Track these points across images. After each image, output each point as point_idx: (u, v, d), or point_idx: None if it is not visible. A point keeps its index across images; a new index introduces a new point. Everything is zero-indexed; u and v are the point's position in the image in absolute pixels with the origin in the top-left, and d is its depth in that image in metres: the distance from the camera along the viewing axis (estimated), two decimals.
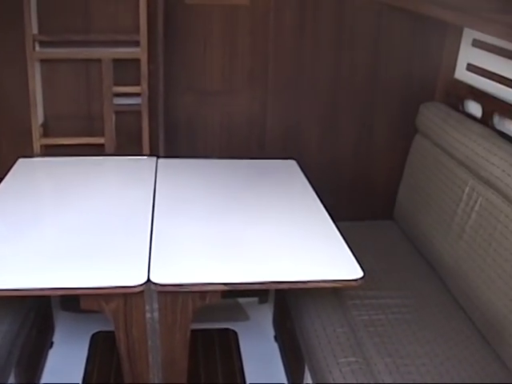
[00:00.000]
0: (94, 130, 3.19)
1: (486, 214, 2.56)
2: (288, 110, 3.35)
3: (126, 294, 2.05)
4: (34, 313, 2.73)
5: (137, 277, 2.02)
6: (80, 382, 2.92)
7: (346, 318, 2.57)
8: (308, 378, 2.57)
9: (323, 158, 3.46)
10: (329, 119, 3.41)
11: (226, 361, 3.13)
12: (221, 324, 3.38)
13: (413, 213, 3.17)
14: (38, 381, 2.91)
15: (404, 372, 2.27)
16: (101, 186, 2.74)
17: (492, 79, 2.90)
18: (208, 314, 2.99)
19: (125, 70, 3.06)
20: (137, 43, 3.00)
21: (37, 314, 2.80)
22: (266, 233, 2.38)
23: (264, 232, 2.39)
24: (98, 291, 2.02)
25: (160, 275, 2.04)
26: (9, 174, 2.79)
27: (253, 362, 3.12)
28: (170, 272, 2.07)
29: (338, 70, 3.31)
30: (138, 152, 3.13)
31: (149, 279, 2.01)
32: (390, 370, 2.28)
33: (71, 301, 2.13)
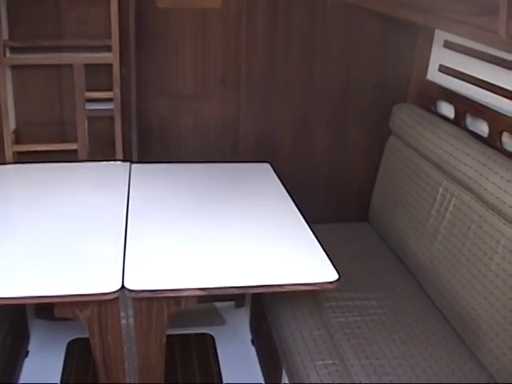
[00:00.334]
0: (66, 135, 3.16)
1: (459, 214, 2.57)
2: (261, 114, 3.34)
3: (100, 301, 2.04)
4: (8, 321, 2.71)
5: (111, 283, 2.00)
6: None
7: (323, 320, 2.57)
8: (285, 381, 2.57)
9: (297, 160, 3.46)
10: (302, 122, 3.41)
11: (203, 365, 3.12)
12: (198, 329, 3.36)
13: (387, 214, 3.18)
14: None
15: (381, 373, 2.28)
16: (74, 193, 2.72)
17: (464, 80, 2.92)
18: (185, 319, 2.99)
19: (97, 75, 3.04)
20: (109, 48, 2.98)
21: (11, 322, 2.78)
22: (241, 237, 2.38)
23: (239, 236, 2.39)
24: (71, 299, 1.99)
25: (134, 281, 2.02)
26: None
27: (230, 366, 3.11)
28: (144, 278, 2.06)
29: (310, 73, 3.31)
30: (111, 157, 3.10)
31: (123, 286, 2.00)
32: (366, 372, 2.28)
33: (46, 309, 2.12)
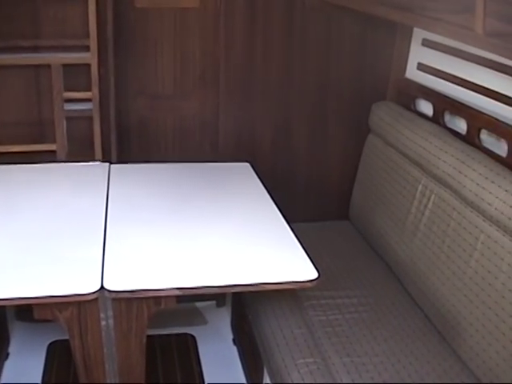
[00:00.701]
0: (45, 136, 3.14)
1: (439, 211, 2.59)
2: (241, 113, 3.34)
3: (79, 302, 2.02)
4: None
5: (90, 284, 1.99)
6: None
7: (304, 318, 2.57)
8: (267, 380, 2.57)
9: (277, 159, 3.46)
10: (282, 121, 3.41)
11: (185, 365, 3.11)
12: (179, 329, 3.35)
13: (367, 212, 3.18)
14: None
15: (362, 371, 2.28)
16: (53, 194, 2.70)
17: (442, 78, 2.93)
18: (166, 319, 2.99)
19: (75, 76, 3.02)
20: (87, 48, 2.95)
21: None
22: (221, 236, 2.38)
23: (219, 235, 2.38)
24: (51, 300, 1.98)
25: (114, 282, 2.01)
26: None
27: (212, 366, 3.11)
28: (123, 278, 2.05)
29: (289, 72, 3.32)
30: (90, 158, 3.08)
31: (102, 286, 1.99)
32: (348, 370, 2.29)
33: (26, 310, 2.10)
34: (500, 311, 2.16)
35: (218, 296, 3.51)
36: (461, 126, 2.78)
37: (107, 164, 3.01)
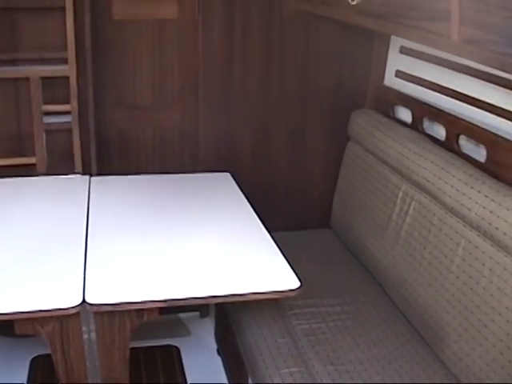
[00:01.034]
0: (24, 149, 3.12)
1: (419, 217, 2.60)
2: (220, 123, 3.34)
3: (61, 317, 2.01)
4: None
5: (72, 298, 1.97)
6: None
7: (287, 327, 2.57)
8: None
9: (257, 169, 3.46)
10: (262, 131, 3.41)
11: (169, 377, 3.09)
12: (163, 340, 3.34)
13: (349, 220, 3.19)
14: None
15: (346, 378, 2.29)
16: (33, 208, 2.67)
17: (420, 85, 2.95)
18: (149, 331, 2.97)
19: (54, 88, 3.01)
20: (65, 60, 2.95)
21: None
22: (202, 247, 2.37)
23: (200, 246, 2.37)
24: (32, 315, 1.96)
25: (95, 295, 2.00)
26: None
27: (196, 377, 3.09)
28: (105, 292, 2.04)
29: (268, 81, 3.32)
30: (70, 171, 3.07)
31: (84, 300, 1.98)
32: (332, 378, 2.29)
33: (8, 325, 2.08)
34: (482, 316, 2.18)
35: (201, 307, 3.51)
36: (439, 132, 2.79)
37: (87, 176, 3.00)
